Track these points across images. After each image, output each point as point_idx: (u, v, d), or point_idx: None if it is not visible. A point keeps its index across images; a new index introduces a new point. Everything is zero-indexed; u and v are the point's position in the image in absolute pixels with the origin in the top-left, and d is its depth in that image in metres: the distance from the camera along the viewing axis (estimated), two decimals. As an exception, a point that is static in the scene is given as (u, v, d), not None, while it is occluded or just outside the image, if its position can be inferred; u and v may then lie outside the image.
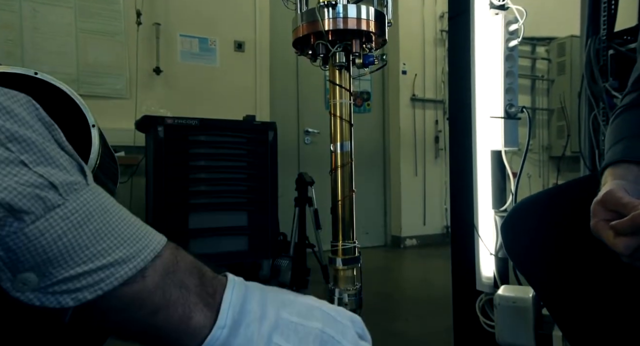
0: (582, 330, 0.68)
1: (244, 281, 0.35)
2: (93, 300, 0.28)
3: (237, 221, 2.60)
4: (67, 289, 0.27)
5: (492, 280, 1.13)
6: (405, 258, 3.70)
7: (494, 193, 1.18)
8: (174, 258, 0.32)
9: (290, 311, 0.35)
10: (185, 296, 0.31)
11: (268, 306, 0.34)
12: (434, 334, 1.76)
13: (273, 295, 0.36)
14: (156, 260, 0.30)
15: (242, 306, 0.33)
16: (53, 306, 0.27)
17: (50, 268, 0.27)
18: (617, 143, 0.61)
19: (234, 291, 0.33)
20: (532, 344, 0.88)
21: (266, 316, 0.33)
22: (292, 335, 0.33)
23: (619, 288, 0.61)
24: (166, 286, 0.30)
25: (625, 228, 0.46)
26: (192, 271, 0.32)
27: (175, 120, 2.45)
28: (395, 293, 2.66)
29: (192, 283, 0.32)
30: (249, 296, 0.34)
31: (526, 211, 0.72)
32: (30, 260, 0.26)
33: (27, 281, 0.26)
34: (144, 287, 0.30)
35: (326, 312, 0.36)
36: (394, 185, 4.22)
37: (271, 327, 0.33)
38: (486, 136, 1.18)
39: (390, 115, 4.23)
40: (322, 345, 0.34)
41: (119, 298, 0.29)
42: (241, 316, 0.32)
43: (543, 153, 4.65)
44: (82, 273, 0.27)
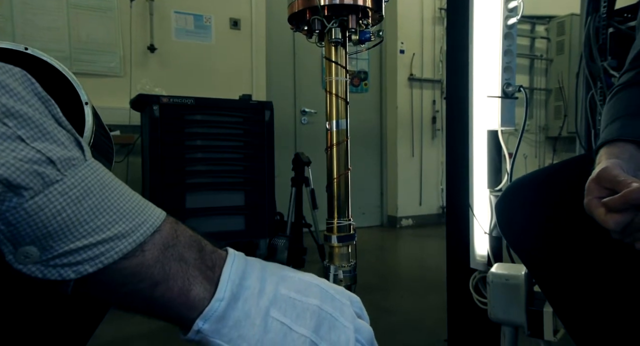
0: (573, 307, 0.70)
1: (245, 256, 0.36)
2: (94, 273, 0.28)
3: (234, 201, 2.61)
4: (68, 262, 0.28)
5: (486, 258, 1.15)
6: (401, 238, 3.73)
7: (490, 173, 1.18)
8: (173, 232, 0.32)
9: (288, 286, 0.35)
10: (185, 269, 0.32)
11: (267, 281, 0.34)
12: (427, 311, 1.80)
13: (272, 270, 0.36)
14: (155, 234, 0.31)
15: (241, 280, 0.33)
16: (54, 279, 0.28)
17: (51, 242, 0.27)
18: (613, 122, 0.60)
19: (233, 265, 0.33)
20: (523, 320, 0.90)
21: (264, 291, 0.34)
22: (289, 310, 0.33)
23: (610, 265, 0.62)
24: (165, 260, 0.31)
25: (617, 205, 0.47)
26: (192, 245, 0.33)
27: (171, 99, 2.43)
28: (390, 271, 2.70)
29: (191, 257, 0.32)
30: (249, 271, 0.34)
31: (520, 190, 0.73)
32: (30, 234, 0.26)
33: (28, 254, 0.27)
34: (144, 261, 0.30)
35: (325, 289, 0.37)
36: (390, 166, 4.23)
37: (269, 302, 0.33)
38: (483, 116, 1.17)
39: (388, 95, 4.20)
40: (319, 321, 0.34)
41: (119, 272, 0.29)
42: (240, 290, 0.33)
43: (540, 134, 4.66)
44: (82, 247, 0.28)
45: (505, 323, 0.96)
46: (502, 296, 0.92)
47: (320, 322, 0.34)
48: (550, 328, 0.87)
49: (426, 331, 1.58)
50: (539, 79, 4.61)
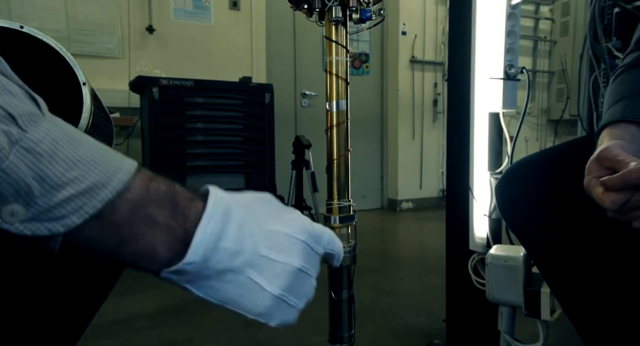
0: (571, 287, 0.70)
1: (227, 205, 0.34)
2: (81, 225, 0.28)
3: (234, 183, 2.61)
4: (54, 216, 0.28)
5: (485, 240, 1.15)
6: (401, 221, 3.75)
7: (491, 156, 1.18)
8: (145, 189, 0.31)
9: (270, 246, 0.35)
10: (152, 231, 0.31)
11: (247, 241, 0.33)
12: (426, 292, 1.82)
13: (257, 222, 0.35)
14: (126, 192, 0.30)
15: (216, 242, 0.32)
16: (44, 235, 0.28)
17: (34, 198, 0.27)
18: (617, 103, 0.60)
19: (209, 225, 0.32)
20: (520, 300, 0.91)
21: (242, 252, 0.33)
22: (266, 270, 0.34)
23: (609, 246, 0.63)
24: (135, 219, 0.30)
25: (615, 184, 0.47)
26: (164, 202, 0.32)
27: (170, 81, 2.41)
28: (390, 253, 2.72)
29: (162, 216, 0.31)
30: (228, 228, 0.33)
31: (521, 171, 0.73)
32: (11, 192, 0.26)
33: (14, 212, 0.27)
34: (112, 220, 0.30)
35: (307, 246, 0.37)
36: (391, 149, 4.22)
37: (245, 263, 0.33)
38: (485, 98, 1.16)
39: (389, 77, 4.16)
40: (295, 280, 0.35)
41: (89, 230, 0.29)
42: (213, 253, 0.32)
43: (542, 117, 4.63)
44: (64, 199, 0.28)
45: (503, 303, 0.97)
46: (500, 278, 0.93)
47: (295, 280, 0.35)
48: (547, 308, 0.88)
49: (425, 312, 1.60)
50: (542, 61, 4.56)
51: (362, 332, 1.42)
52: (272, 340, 1.39)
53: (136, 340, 1.39)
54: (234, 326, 1.50)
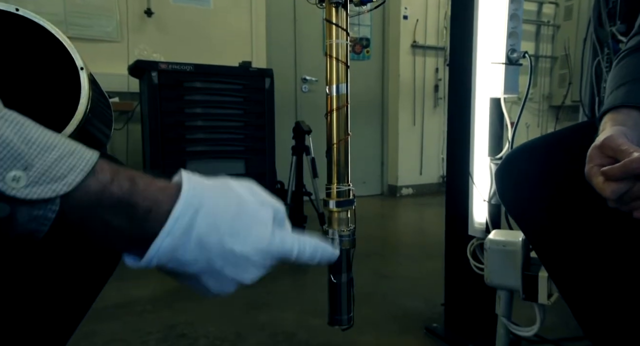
0: (569, 272, 0.71)
1: (192, 215, 0.34)
2: (81, 184, 0.30)
3: (234, 169, 2.61)
4: (54, 176, 0.29)
5: (484, 225, 1.16)
6: (401, 207, 3.77)
7: (491, 141, 1.18)
8: (99, 195, 0.31)
9: (225, 262, 0.36)
10: (111, 234, 0.33)
11: (203, 254, 0.35)
12: (425, 276, 1.84)
13: (218, 238, 0.35)
14: (80, 195, 0.30)
15: (171, 254, 0.34)
16: (49, 197, 0.29)
17: (30, 160, 0.28)
18: (619, 88, 0.59)
19: (166, 238, 0.33)
20: (518, 284, 0.92)
21: (196, 263, 0.35)
22: (216, 279, 0.37)
23: (608, 232, 0.63)
24: (91, 218, 0.31)
25: (615, 174, 0.46)
26: (119, 210, 0.32)
27: (170, 66, 2.39)
28: (389, 239, 2.74)
29: (118, 222, 0.32)
30: (185, 243, 0.34)
31: (521, 156, 0.73)
32: (7, 156, 0.28)
33: (16, 178, 0.28)
34: (68, 220, 0.31)
35: (261, 266, 0.39)
36: (391, 135, 4.21)
37: (199, 270, 0.36)
38: (486, 83, 1.15)
39: (390, 63, 4.13)
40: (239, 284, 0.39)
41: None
42: (169, 261, 0.34)
43: (543, 103, 4.61)
44: (57, 158, 0.29)
45: (501, 287, 0.98)
46: (498, 262, 0.94)
47: (240, 285, 0.39)
48: (544, 292, 0.89)
49: (423, 296, 1.61)
50: (544, 46, 4.52)
51: (361, 316, 1.43)
52: (273, 322, 1.41)
53: (138, 323, 1.41)
54: (234, 309, 1.52)
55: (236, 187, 0.40)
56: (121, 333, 1.34)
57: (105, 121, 0.70)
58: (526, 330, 0.96)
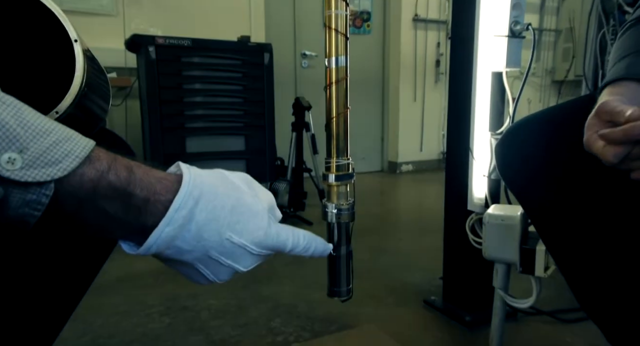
0: (567, 245, 0.72)
1: (192, 205, 0.34)
2: (77, 170, 0.30)
3: (234, 145, 2.61)
4: (49, 161, 0.29)
5: (484, 200, 1.16)
6: (401, 183, 3.78)
7: (492, 117, 1.17)
8: (92, 187, 0.31)
9: (222, 251, 0.37)
10: (106, 222, 0.33)
11: (201, 243, 0.35)
12: (424, 251, 1.86)
13: (217, 227, 0.36)
14: (75, 181, 0.30)
15: (169, 242, 0.34)
16: (44, 180, 0.29)
17: (25, 143, 0.28)
18: (621, 60, 0.58)
19: (167, 228, 0.33)
20: (516, 257, 0.93)
21: (193, 251, 0.36)
22: (211, 267, 0.38)
23: (607, 205, 0.63)
24: (86, 206, 0.31)
25: (617, 138, 0.46)
26: (113, 201, 0.32)
27: (167, 40, 2.35)
28: (389, 214, 2.76)
29: (112, 208, 0.32)
30: (184, 231, 0.34)
31: (521, 130, 0.72)
32: (2, 138, 0.28)
33: (11, 159, 0.28)
34: (63, 208, 0.31)
35: (257, 256, 0.40)
36: (392, 111, 4.18)
37: (195, 258, 0.37)
38: (488, 56, 1.14)
39: (391, 37, 4.06)
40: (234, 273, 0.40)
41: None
42: (167, 249, 0.35)
43: (545, 77, 4.55)
44: (53, 143, 0.29)
45: (498, 261, 0.99)
46: (497, 236, 0.95)
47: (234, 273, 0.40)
48: (541, 265, 0.90)
49: (422, 270, 1.64)
50: (549, 19, 4.43)
51: (360, 289, 1.46)
52: (273, 295, 1.43)
53: (140, 296, 1.44)
54: (236, 283, 1.54)
55: (233, 179, 0.40)
56: (125, 306, 1.37)
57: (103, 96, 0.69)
58: (522, 302, 0.98)
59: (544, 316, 1.27)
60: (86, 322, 1.26)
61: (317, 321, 1.26)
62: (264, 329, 1.22)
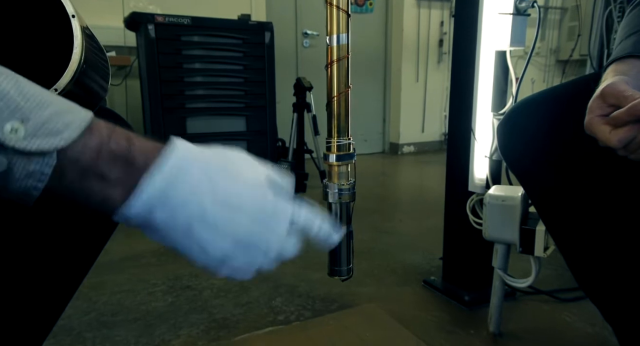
0: (567, 225, 0.72)
1: (182, 158, 0.34)
2: (78, 140, 0.30)
3: (235, 126, 2.59)
4: (51, 131, 0.29)
5: (485, 181, 1.16)
6: (402, 165, 3.77)
7: (495, 97, 1.16)
8: (95, 153, 0.31)
9: (220, 202, 0.34)
10: (105, 187, 0.32)
11: (197, 193, 0.34)
12: (425, 232, 1.87)
13: (211, 176, 0.35)
14: (77, 155, 0.30)
15: (161, 193, 0.32)
16: (47, 149, 0.29)
17: (27, 113, 0.29)
18: (628, 37, 0.57)
19: (157, 175, 0.32)
20: (516, 238, 0.94)
21: (188, 204, 0.33)
22: (211, 229, 0.34)
23: (607, 185, 0.63)
24: (85, 182, 0.31)
25: (622, 119, 0.45)
26: (115, 161, 0.32)
27: (167, 18, 2.32)
28: (390, 196, 2.77)
29: (113, 175, 0.32)
30: (176, 183, 0.33)
31: (524, 110, 0.71)
32: (4, 107, 0.28)
33: (14, 129, 0.28)
34: (63, 180, 0.31)
35: (260, 205, 0.36)
36: (394, 92, 4.14)
37: (190, 216, 0.33)
38: (492, 35, 1.12)
39: (394, 15, 3.99)
40: (245, 247, 0.35)
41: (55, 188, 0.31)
42: (160, 202, 0.32)
43: (550, 57, 4.49)
44: (53, 113, 0.30)
45: (498, 241, 0.99)
46: (497, 217, 0.95)
47: (242, 240, 0.35)
48: (541, 246, 0.91)
49: (422, 250, 1.65)
50: (555, -3, 4.34)
51: (360, 269, 1.48)
52: (275, 275, 1.45)
53: (144, 275, 1.46)
54: (238, 263, 1.56)
55: (227, 151, 0.39)
56: (128, 284, 1.39)
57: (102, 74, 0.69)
58: (521, 282, 0.99)
59: (543, 296, 1.28)
60: (90, 300, 1.28)
61: (318, 301, 1.28)
62: (265, 308, 1.24)
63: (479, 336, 1.09)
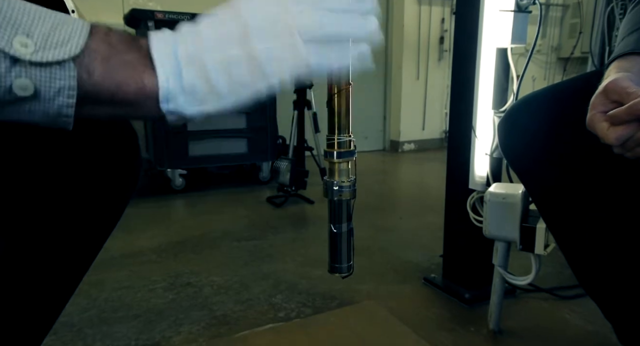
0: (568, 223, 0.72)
1: (166, 33, 0.34)
2: (88, 44, 0.30)
3: (236, 124, 2.59)
4: (59, 41, 0.29)
5: (485, 179, 1.16)
6: (403, 162, 3.77)
7: (495, 94, 1.16)
8: (107, 45, 0.31)
9: (212, 24, 0.34)
10: (131, 72, 0.31)
11: (193, 37, 0.33)
12: (425, 229, 1.87)
13: (192, 26, 0.35)
14: (93, 54, 0.30)
15: (173, 54, 0.32)
16: (62, 59, 0.29)
17: (29, 27, 0.28)
18: (631, 34, 0.57)
19: (159, 45, 0.32)
20: (516, 235, 0.94)
21: (196, 47, 0.33)
22: (226, 43, 0.33)
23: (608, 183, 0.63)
24: (113, 70, 0.31)
25: (621, 117, 0.45)
26: (130, 47, 0.32)
27: (166, 15, 2.31)
28: (390, 193, 2.77)
29: (134, 57, 0.32)
30: (176, 41, 0.33)
31: (524, 108, 0.71)
32: (5, 23, 0.27)
33: (23, 43, 0.28)
34: (95, 81, 0.30)
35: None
36: (394, 89, 4.13)
37: (205, 52, 0.33)
38: (493, 32, 1.11)
39: (394, 12, 3.97)
40: (257, 30, 0.33)
41: (83, 98, 0.30)
42: (177, 64, 0.32)
43: (551, 55, 4.48)
44: (55, 24, 0.29)
45: (499, 239, 0.99)
46: (498, 214, 0.95)
47: (261, 33, 0.33)
48: (541, 243, 0.91)
49: (422, 248, 1.65)
50: (556, -6, 4.32)
51: (360, 266, 1.48)
52: (275, 273, 1.45)
53: (144, 272, 1.46)
54: (237, 261, 1.56)
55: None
56: (128, 281, 1.39)
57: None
58: (521, 279, 0.99)
59: (543, 293, 1.28)
60: (90, 297, 1.28)
61: (318, 298, 1.28)
62: (265, 305, 1.24)
63: (479, 333, 1.09)
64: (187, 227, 1.97)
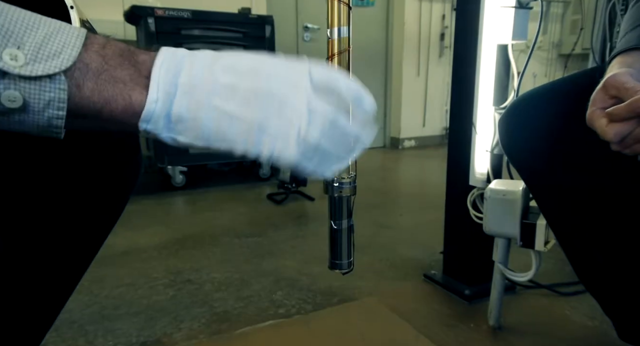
0: (568, 220, 0.72)
1: (178, 52, 0.34)
2: (80, 56, 0.29)
3: (235, 120, 2.58)
4: (50, 53, 0.28)
5: (485, 175, 1.16)
6: (403, 159, 3.77)
7: (496, 91, 1.15)
8: (101, 59, 0.31)
9: (230, 72, 0.33)
10: (122, 88, 0.31)
11: (204, 72, 0.32)
12: (425, 226, 1.87)
13: (211, 59, 0.34)
14: (84, 68, 0.30)
15: (174, 78, 0.32)
16: (53, 72, 0.28)
17: (20, 37, 0.28)
18: (633, 30, 0.57)
19: (162, 65, 0.32)
20: (516, 232, 0.94)
21: (202, 82, 0.32)
22: (231, 96, 0.32)
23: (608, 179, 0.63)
24: (101, 87, 0.30)
25: (621, 113, 0.45)
26: (123, 62, 0.31)
27: (166, 12, 2.30)
28: (390, 190, 2.77)
29: (126, 75, 0.31)
30: (183, 67, 0.32)
31: (525, 104, 0.71)
32: None
33: (13, 56, 0.27)
34: (82, 95, 0.30)
35: (275, 64, 0.34)
36: (395, 86, 4.13)
37: (207, 93, 0.32)
38: (494, 29, 1.11)
39: (395, 9, 3.96)
40: (267, 102, 0.32)
41: (73, 108, 0.30)
42: (174, 88, 0.31)
43: (552, 51, 4.47)
44: (47, 34, 0.28)
45: (499, 235, 0.99)
46: (498, 211, 0.95)
47: (269, 103, 0.32)
48: (541, 240, 0.91)
49: (423, 245, 1.65)
50: (557, -9, 4.31)
51: (361, 263, 1.48)
52: (276, 269, 1.45)
53: (145, 269, 1.46)
54: (237, 258, 1.56)
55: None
56: (129, 278, 1.39)
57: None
58: (521, 276, 0.99)
59: (543, 290, 1.28)
60: (91, 294, 1.28)
61: (318, 294, 1.28)
62: (266, 302, 1.24)
63: (479, 329, 1.09)
64: (188, 224, 1.97)
